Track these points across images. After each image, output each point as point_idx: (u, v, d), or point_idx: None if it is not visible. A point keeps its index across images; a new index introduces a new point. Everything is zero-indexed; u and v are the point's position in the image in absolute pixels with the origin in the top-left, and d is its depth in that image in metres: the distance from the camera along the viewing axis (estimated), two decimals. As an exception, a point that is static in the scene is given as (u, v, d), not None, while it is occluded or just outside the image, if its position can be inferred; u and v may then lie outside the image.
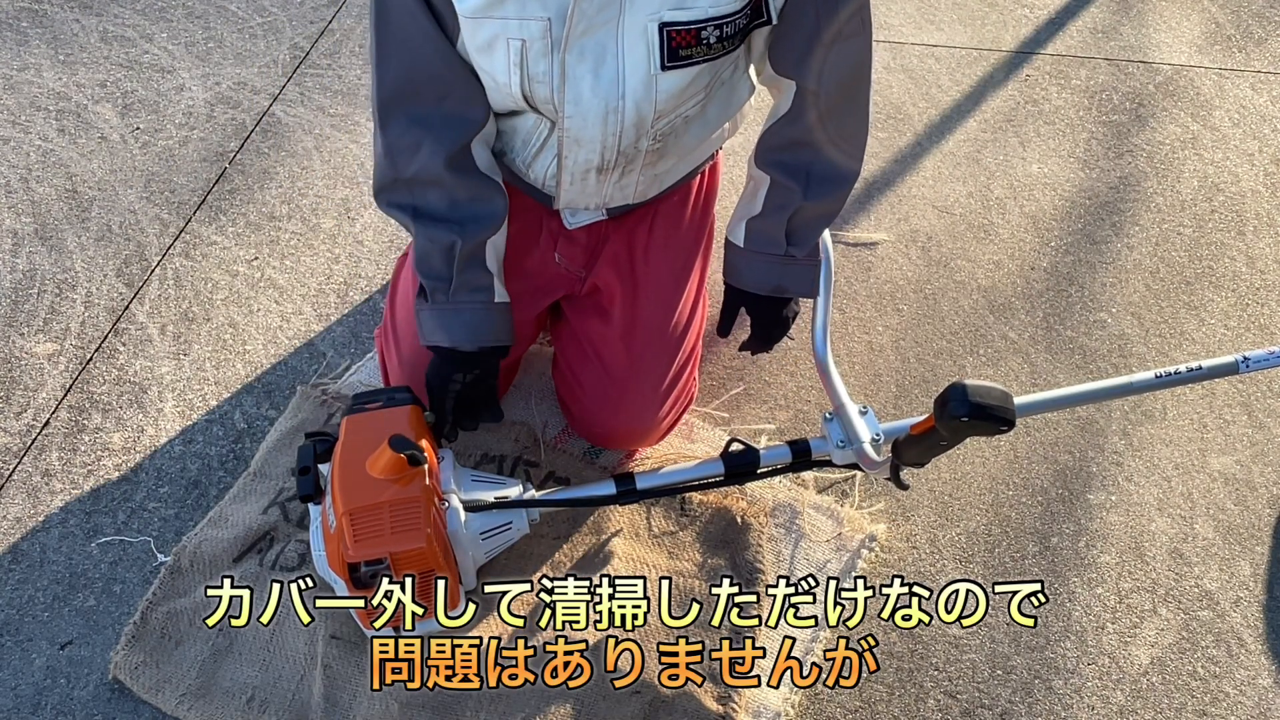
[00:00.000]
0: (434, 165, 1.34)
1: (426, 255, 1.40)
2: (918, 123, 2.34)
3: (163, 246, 2.02)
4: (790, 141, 1.43)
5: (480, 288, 1.43)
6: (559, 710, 1.40)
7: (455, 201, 1.38)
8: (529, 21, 1.22)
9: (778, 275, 1.49)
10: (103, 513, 1.65)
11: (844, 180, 1.45)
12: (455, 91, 1.32)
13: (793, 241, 1.47)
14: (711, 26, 1.26)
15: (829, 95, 1.37)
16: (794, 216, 1.45)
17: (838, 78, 1.36)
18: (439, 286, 1.41)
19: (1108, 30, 2.59)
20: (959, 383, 1.21)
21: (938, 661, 1.52)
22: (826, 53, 1.33)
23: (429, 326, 1.43)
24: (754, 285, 1.51)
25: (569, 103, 1.31)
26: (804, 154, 1.43)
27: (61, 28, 2.47)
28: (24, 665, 1.49)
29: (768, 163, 1.45)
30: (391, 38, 1.27)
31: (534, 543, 1.58)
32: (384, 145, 1.35)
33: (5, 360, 1.84)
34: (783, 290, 1.51)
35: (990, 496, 1.71)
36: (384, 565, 1.30)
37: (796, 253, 1.48)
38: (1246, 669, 1.53)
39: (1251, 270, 2.06)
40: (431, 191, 1.37)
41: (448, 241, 1.38)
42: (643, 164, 1.45)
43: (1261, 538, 1.67)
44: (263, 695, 1.43)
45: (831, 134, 1.41)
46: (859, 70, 1.37)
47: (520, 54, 1.26)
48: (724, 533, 1.60)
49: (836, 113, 1.39)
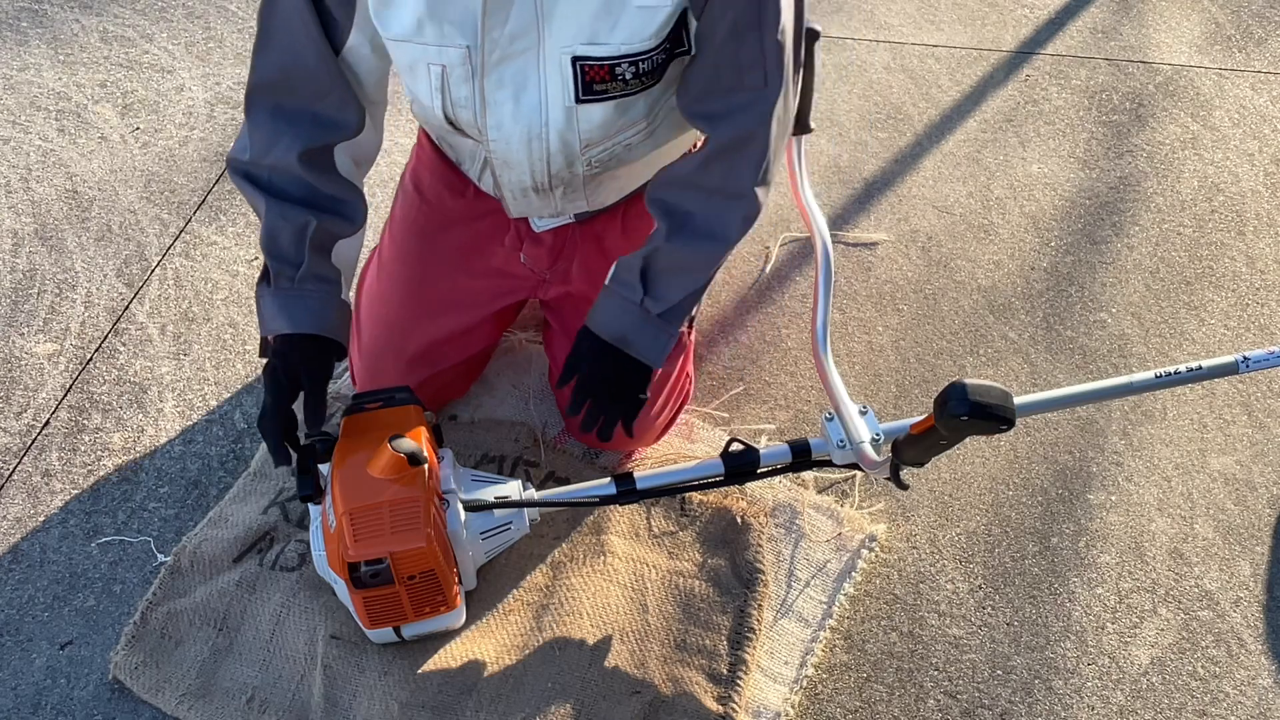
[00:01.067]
0: (288, 159, 1.31)
1: (275, 233, 1.34)
2: (918, 123, 2.34)
3: (163, 246, 2.02)
4: (676, 180, 1.38)
5: (327, 279, 1.37)
6: (559, 710, 1.40)
7: (313, 189, 1.34)
8: (448, 48, 1.22)
9: (628, 323, 1.40)
10: (103, 513, 1.65)
11: (712, 238, 1.36)
12: (331, 95, 1.30)
13: (649, 291, 1.38)
14: (626, 63, 1.24)
15: (719, 144, 1.32)
16: (652, 255, 1.37)
17: (731, 130, 1.30)
18: (285, 270, 1.35)
19: (1108, 30, 2.59)
20: (959, 382, 1.21)
21: (938, 661, 1.53)
22: (724, 101, 1.29)
23: (270, 311, 1.35)
24: (602, 327, 1.41)
25: (491, 128, 1.31)
26: (686, 196, 1.36)
27: (61, 28, 2.47)
28: (24, 665, 1.49)
29: (652, 196, 1.40)
30: (276, 26, 1.26)
31: (534, 543, 1.58)
32: (247, 129, 1.33)
33: (5, 360, 1.84)
34: (626, 342, 1.40)
35: (990, 496, 1.71)
36: (384, 565, 1.30)
37: (652, 305, 1.38)
38: (1246, 669, 1.53)
39: (1251, 270, 2.06)
40: (286, 178, 1.33)
41: (300, 220, 1.33)
42: (586, 185, 1.44)
43: (1261, 538, 1.67)
44: (263, 695, 1.43)
45: (715, 185, 1.35)
46: (754, 128, 1.31)
47: (441, 79, 1.26)
48: (724, 533, 1.60)
49: (722, 165, 1.33)
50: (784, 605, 1.55)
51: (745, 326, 1.93)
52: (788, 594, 1.56)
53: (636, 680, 1.44)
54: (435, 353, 1.63)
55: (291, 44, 1.25)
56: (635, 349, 1.40)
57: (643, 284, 1.38)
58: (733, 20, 1.22)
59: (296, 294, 1.35)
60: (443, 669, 1.43)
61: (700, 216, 1.36)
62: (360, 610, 1.36)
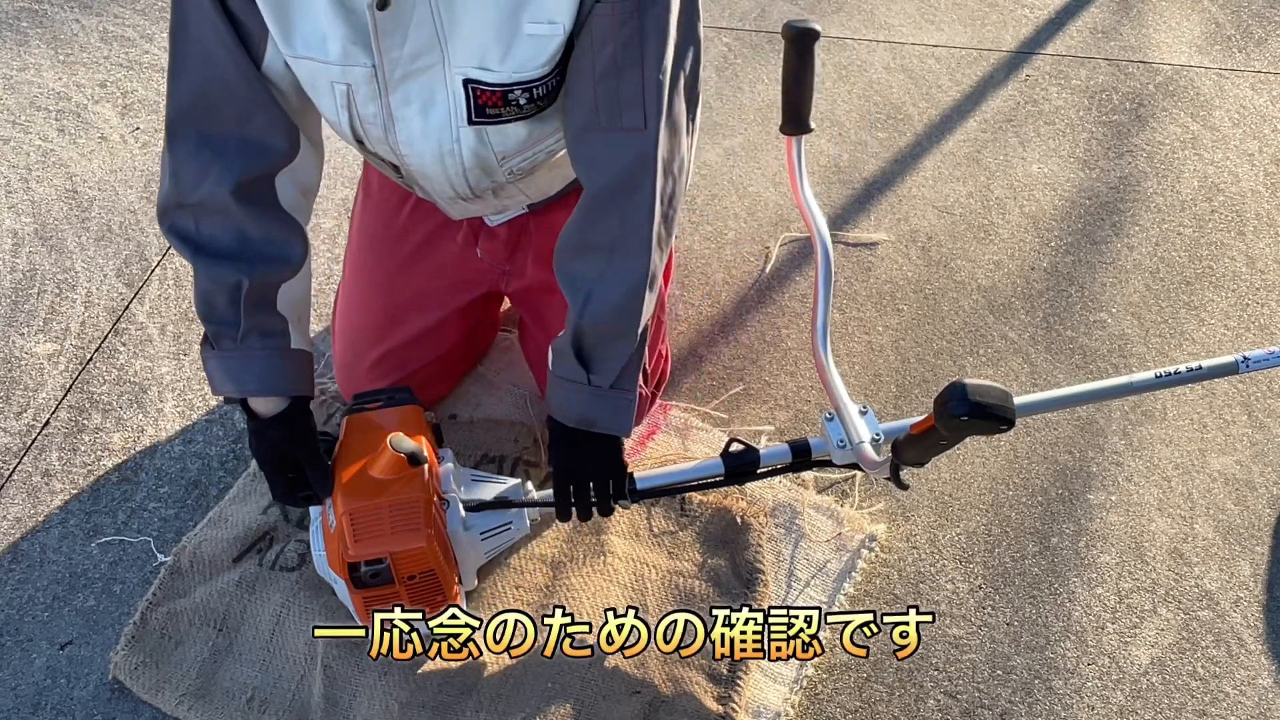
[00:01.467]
0: (220, 193, 1.21)
1: (209, 297, 1.26)
2: (918, 123, 2.34)
3: (163, 246, 2.02)
4: (572, 246, 1.30)
5: (272, 332, 1.30)
6: (559, 710, 1.40)
7: (243, 236, 1.25)
8: (352, 68, 1.17)
9: (584, 404, 1.34)
10: (103, 513, 1.65)
11: (623, 306, 1.28)
12: (256, 116, 1.21)
13: (590, 369, 1.32)
14: (519, 89, 1.20)
15: (597, 193, 1.25)
16: (578, 335, 1.31)
17: (609, 174, 1.23)
18: (225, 331, 1.28)
19: (1108, 30, 2.59)
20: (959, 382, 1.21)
21: (938, 661, 1.52)
22: (602, 141, 1.21)
23: (218, 376, 1.30)
24: (563, 414, 1.35)
25: (402, 144, 1.27)
26: (585, 266, 1.29)
27: (61, 28, 2.47)
28: (24, 665, 1.49)
29: (557, 269, 1.33)
30: (189, 47, 1.16)
31: (534, 543, 1.58)
32: (170, 164, 1.22)
33: (5, 360, 1.84)
34: (591, 423, 1.35)
35: (990, 496, 1.71)
36: (384, 565, 1.30)
37: (599, 381, 1.32)
38: (1246, 669, 1.53)
39: (1251, 270, 2.06)
40: (216, 221, 1.24)
41: (232, 280, 1.25)
42: (518, 185, 1.41)
43: (1261, 538, 1.67)
44: (263, 695, 1.43)
45: (605, 241, 1.27)
46: (633, 172, 1.22)
47: (347, 97, 1.21)
48: (724, 533, 1.60)
49: (607, 219, 1.26)
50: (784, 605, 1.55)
51: (745, 326, 1.93)
52: (788, 594, 1.56)
53: (636, 680, 1.44)
54: (401, 356, 1.62)
55: (207, 61, 1.16)
56: (601, 425, 1.35)
57: (581, 365, 1.32)
58: (612, 53, 1.15)
59: (240, 356, 1.29)
60: (443, 669, 1.44)
61: (601, 285, 1.28)
62: (360, 610, 1.36)
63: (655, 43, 1.16)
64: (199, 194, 1.22)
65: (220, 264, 1.25)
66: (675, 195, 1.29)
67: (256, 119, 1.21)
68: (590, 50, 1.16)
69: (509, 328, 1.86)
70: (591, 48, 1.16)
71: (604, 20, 1.14)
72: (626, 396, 1.34)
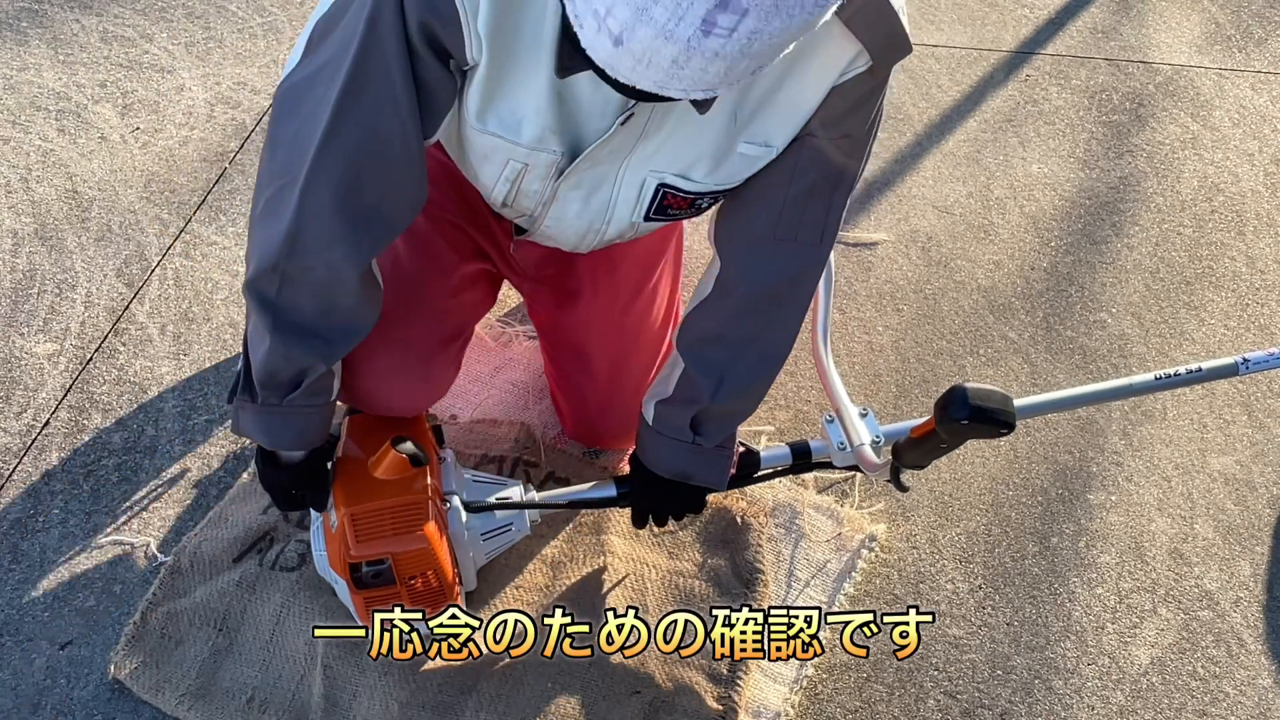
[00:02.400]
0: (348, 274, 1.14)
1: (275, 368, 1.19)
2: (918, 123, 2.34)
3: (163, 246, 2.02)
4: (709, 336, 1.32)
5: (321, 390, 1.25)
6: (559, 710, 1.40)
7: (331, 309, 1.18)
8: (540, 153, 1.14)
9: (684, 461, 1.38)
10: (103, 513, 1.65)
11: (754, 392, 1.35)
12: (401, 190, 1.14)
13: (700, 433, 1.36)
14: (709, 197, 1.22)
15: (753, 295, 1.26)
16: (700, 414, 1.34)
17: (770, 280, 1.25)
18: (274, 394, 1.23)
19: (1108, 30, 2.59)
20: (959, 386, 1.21)
21: (938, 661, 1.53)
22: (771, 251, 1.23)
23: (249, 425, 1.25)
24: (660, 467, 1.39)
25: (551, 219, 1.27)
26: (721, 353, 1.31)
27: (61, 28, 2.47)
28: (24, 665, 1.49)
29: (685, 348, 1.34)
30: (356, 113, 1.05)
31: (534, 543, 1.58)
32: (294, 220, 1.09)
33: (5, 360, 1.84)
34: (688, 477, 1.39)
35: (990, 496, 1.71)
36: (386, 565, 1.30)
37: (704, 442, 1.36)
38: (1246, 669, 1.53)
39: (1251, 270, 2.06)
40: (310, 295, 1.16)
41: (307, 364, 1.20)
42: None
43: (1261, 538, 1.67)
44: (263, 695, 1.43)
45: (749, 335, 1.30)
46: (798, 281, 1.27)
47: (518, 174, 1.18)
48: (724, 533, 1.60)
49: (756, 316, 1.28)
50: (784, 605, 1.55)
51: (745, 326, 1.93)
52: (788, 594, 1.56)
53: (636, 680, 1.44)
54: None
55: (375, 130, 1.06)
56: (697, 479, 1.40)
57: (693, 431, 1.35)
58: (814, 180, 1.18)
59: (282, 414, 1.24)
60: (443, 669, 1.44)
61: (735, 371, 1.31)
62: (361, 611, 1.36)
63: (852, 173, 1.20)
64: (315, 260, 1.12)
65: (299, 341, 1.18)
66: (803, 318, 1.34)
67: (400, 193, 1.14)
68: (791, 170, 1.17)
69: (509, 321, 1.86)
70: (795, 169, 1.17)
71: (814, 148, 1.15)
72: (727, 455, 1.39)
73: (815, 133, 1.14)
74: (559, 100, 1.09)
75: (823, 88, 1.10)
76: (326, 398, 1.27)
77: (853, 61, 1.08)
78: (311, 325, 1.18)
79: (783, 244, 1.23)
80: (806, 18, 0.83)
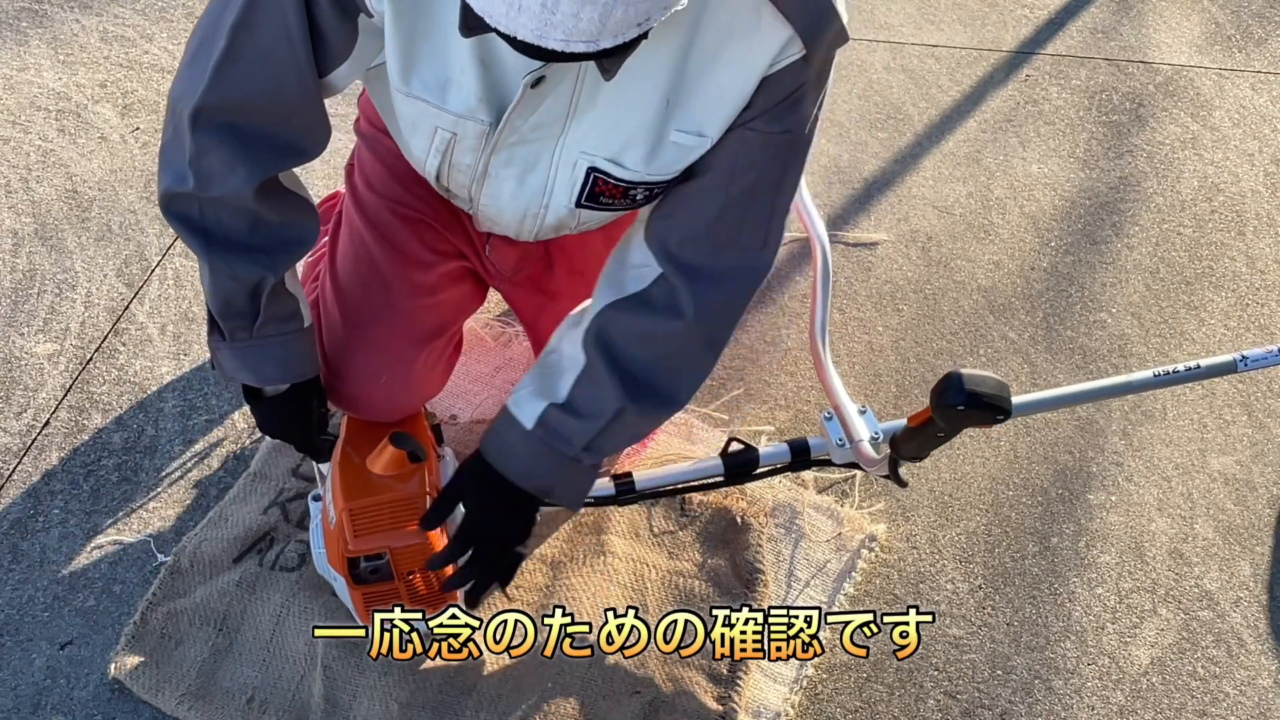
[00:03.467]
0: (245, 192, 1.14)
1: (228, 295, 1.20)
2: (918, 123, 2.34)
3: (163, 246, 2.02)
4: (644, 334, 1.20)
5: (288, 316, 1.25)
6: (559, 710, 1.40)
7: (259, 223, 1.18)
8: (468, 122, 1.12)
9: (554, 474, 1.24)
10: (103, 513, 1.65)
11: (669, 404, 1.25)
12: (299, 119, 1.15)
13: (591, 448, 1.23)
14: (643, 188, 1.17)
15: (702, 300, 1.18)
16: (611, 422, 1.21)
17: (710, 295, 1.18)
18: (240, 324, 1.23)
19: (1108, 30, 2.59)
20: (955, 371, 1.21)
21: (938, 661, 1.53)
22: (711, 256, 1.17)
23: (231, 365, 1.26)
24: (513, 471, 1.25)
25: (486, 196, 1.24)
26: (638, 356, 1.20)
27: (61, 28, 2.47)
28: (24, 665, 1.49)
29: (599, 346, 1.21)
30: (248, 50, 1.08)
31: (533, 542, 1.58)
32: (190, 151, 1.12)
33: (5, 360, 1.84)
34: (549, 493, 1.25)
35: (990, 496, 1.71)
36: (384, 560, 1.30)
37: (586, 458, 1.24)
38: (1246, 669, 1.53)
39: (1251, 270, 2.06)
40: (231, 214, 1.17)
41: (255, 278, 1.19)
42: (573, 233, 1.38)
43: (1261, 538, 1.67)
44: (263, 696, 1.43)
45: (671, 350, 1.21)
46: (739, 285, 1.20)
47: (448, 144, 1.17)
48: (724, 533, 1.60)
49: (688, 332, 1.20)
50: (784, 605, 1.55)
51: (745, 326, 1.93)
52: (788, 594, 1.56)
53: (636, 680, 1.44)
54: None
55: (266, 65, 1.09)
56: (557, 496, 1.27)
57: (585, 445, 1.23)
58: (755, 179, 1.14)
59: (256, 346, 1.24)
60: (442, 669, 1.44)
61: (657, 382, 1.22)
62: (360, 607, 1.36)
63: (795, 173, 1.15)
64: (219, 189, 1.14)
65: (240, 259, 1.18)
66: None
67: (299, 121, 1.15)
68: (730, 168, 1.13)
69: (509, 321, 1.86)
70: (733, 167, 1.13)
71: (753, 144, 1.11)
72: (594, 471, 1.27)
73: (753, 126, 1.10)
74: (484, 65, 1.07)
75: (753, 75, 1.06)
76: (298, 324, 1.27)
77: (785, 48, 1.04)
78: (245, 241, 1.18)
79: (722, 250, 1.18)
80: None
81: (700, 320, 1.19)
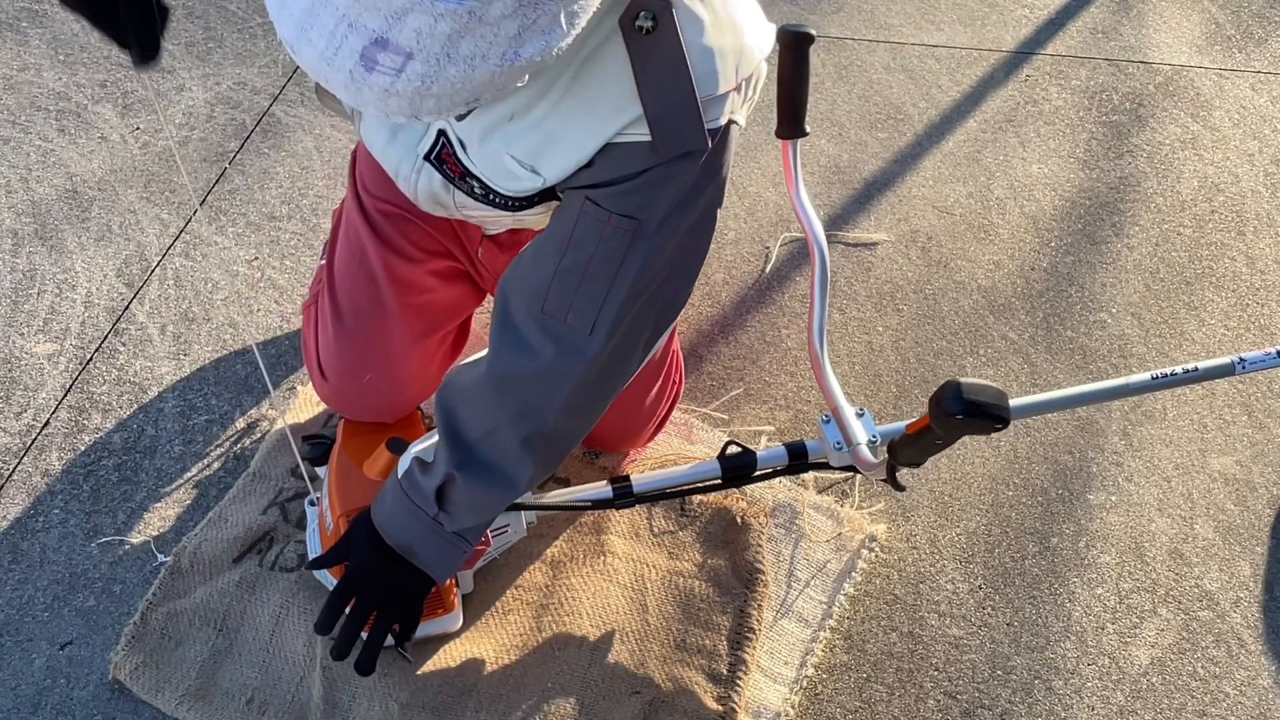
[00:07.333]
0: None
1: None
2: (918, 123, 2.34)
3: (163, 246, 2.02)
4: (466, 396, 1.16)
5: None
6: (559, 710, 1.40)
7: None
8: None
9: (415, 534, 1.20)
10: (103, 513, 1.65)
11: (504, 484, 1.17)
12: None
13: (444, 508, 1.19)
14: (479, 184, 1.12)
15: (508, 372, 1.11)
16: (445, 484, 1.17)
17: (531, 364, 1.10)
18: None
19: (1108, 30, 2.59)
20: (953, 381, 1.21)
21: (938, 661, 1.53)
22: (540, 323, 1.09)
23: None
24: (381, 523, 1.21)
25: (365, 135, 1.21)
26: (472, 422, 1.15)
27: (61, 28, 2.47)
28: (24, 665, 1.49)
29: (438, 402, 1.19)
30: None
31: (533, 543, 1.58)
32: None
33: (5, 360, 1.84)
34: (410, 552, 1.21)
35: (990, 496, 1.71)
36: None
37: (446, 523, 1.19)
38: (1246, 669, 1.53)
39: (1251, 270, 2.06)
40: None
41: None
42: None
43: (1261, 538, 1.67)
44: (262, 696, 1.43)
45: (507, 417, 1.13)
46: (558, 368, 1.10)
47: None
48: (724, 533, 1.60)
49: (506, 396, 1.12)
50: (784, 605, 1.55)
51: (745, 326, 1.93)
52: (788, 594, 1.56)
53: (636, 680, 1.44)
54: None
55: None
56: (420, 560, 1.21)
57: (438, 502, 1.18)
58: (587, 259, 1.05)
59: (451, 545, 1.22)
60: (442, 669, 1.44)
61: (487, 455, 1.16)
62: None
63: (636, 268, 1.05)
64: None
65: None
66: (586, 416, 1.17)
67: None
68: (565, 235, 1.05)
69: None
70: (569, 239, 1.05)
71: (592, 218, 1.04)
72: (463, 547, 1.22)
73: (594, 197, 1.03)
74: None
75: (597, 136, 0.99)
76: None
77: (632, 124, 0.98)
78: None
79: (551, 320, 1.08)
80: (492, 70, 0.77)
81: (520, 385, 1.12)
